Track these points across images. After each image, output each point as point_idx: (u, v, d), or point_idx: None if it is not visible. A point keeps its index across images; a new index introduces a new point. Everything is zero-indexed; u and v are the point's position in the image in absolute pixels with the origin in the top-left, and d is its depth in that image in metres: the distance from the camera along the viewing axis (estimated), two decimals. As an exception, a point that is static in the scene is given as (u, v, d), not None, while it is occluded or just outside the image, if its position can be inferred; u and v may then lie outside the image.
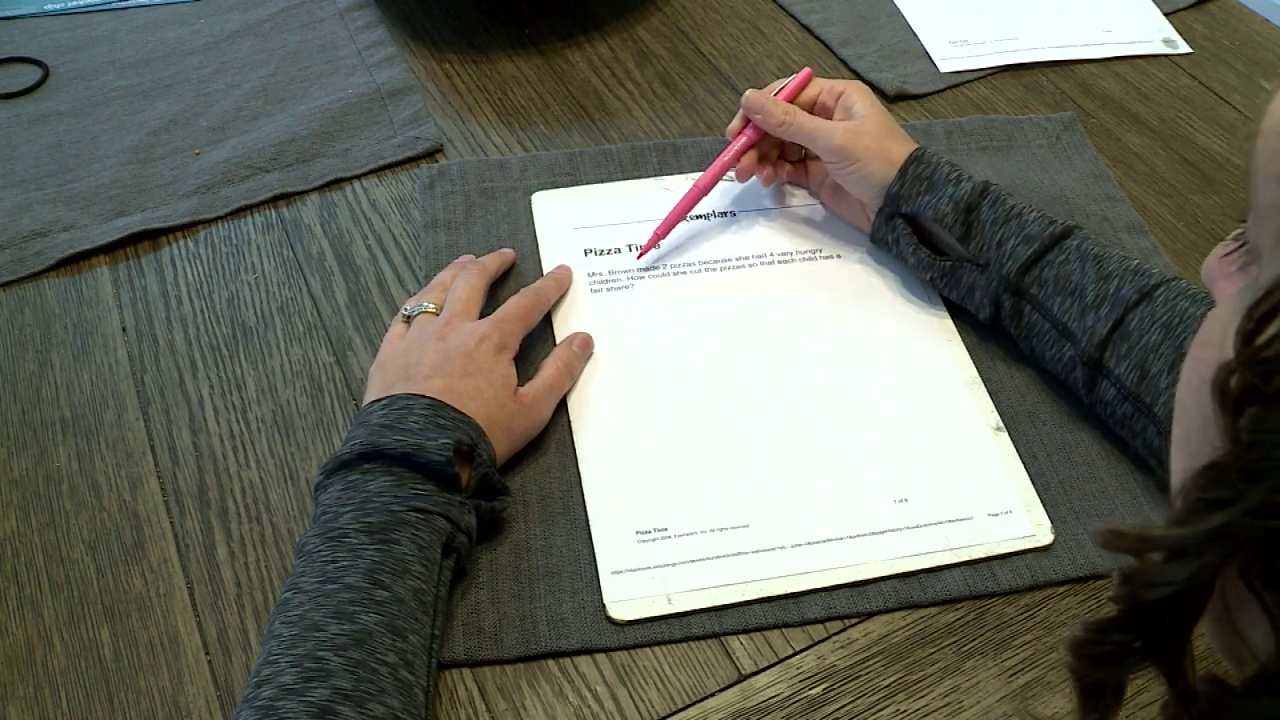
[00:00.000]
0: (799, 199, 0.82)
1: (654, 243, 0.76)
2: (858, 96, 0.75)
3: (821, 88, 0.78)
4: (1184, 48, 0.96)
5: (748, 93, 0.76)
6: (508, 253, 0.77)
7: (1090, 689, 0.33)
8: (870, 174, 0.73)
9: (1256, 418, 0.27)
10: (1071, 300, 0.67)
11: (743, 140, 0.77)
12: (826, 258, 0.78)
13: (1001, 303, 0.70)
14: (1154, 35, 0.97)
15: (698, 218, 0.80)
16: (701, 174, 0.77)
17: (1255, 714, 0.28)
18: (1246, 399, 0.27)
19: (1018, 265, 0.68)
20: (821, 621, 0.60)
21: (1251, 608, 0.28)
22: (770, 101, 0.76)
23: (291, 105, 0.89)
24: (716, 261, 0.78)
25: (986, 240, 0.70)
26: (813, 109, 0.77)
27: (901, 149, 0.73)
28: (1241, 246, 0.35)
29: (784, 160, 0.81)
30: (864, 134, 0.73)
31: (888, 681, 0.58)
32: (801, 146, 0.78)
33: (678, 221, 0.77)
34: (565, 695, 0.58)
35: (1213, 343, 0.32)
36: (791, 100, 0.77)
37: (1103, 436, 0.68)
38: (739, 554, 0.62)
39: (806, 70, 0.78)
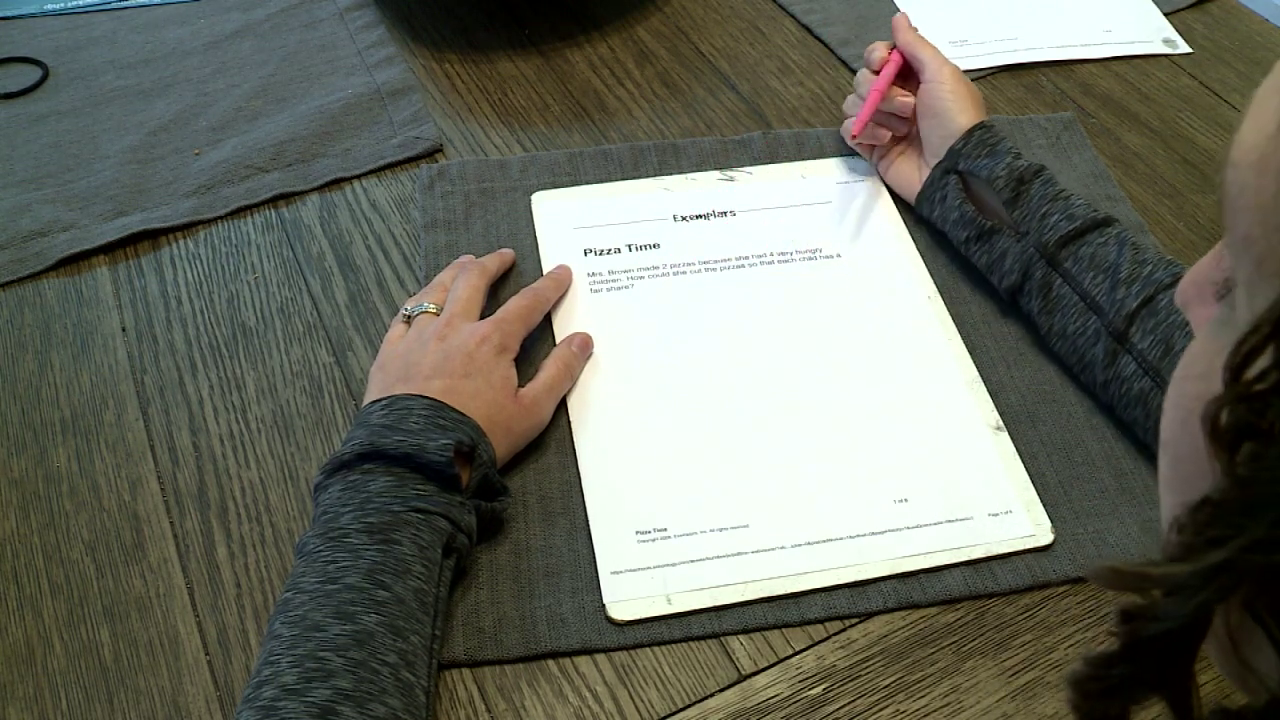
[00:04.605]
0: (798, 198, 0.82)
1: (861, 127, 0.79)
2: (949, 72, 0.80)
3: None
4: (1184, 48, 0.96)
5: (896, 16, 0.83)
6: (508, 253, 0.77)
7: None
8: (947, 120, 0.77)
9: (1254, 453, 0.27)
10: (1104, 276, 0.68)
11: (891, 67, 0.80)
12: (826, 258, 0.78)
13: (1032, 272, 0.71)
14: (1154, 35, 0.97)
15: (698, 218, 0.80)
16: (876, 79, 0.80)
17: None
18: (1241, 434, 0.27)
19: (1058, 237, 0.70)
20: (821, 621, 0.61)
21: (1256, 636, 0.28)
22: (904, 22, 0.82)
23: (291, 105, 0.89)
24: (716, 261, 0.78)
25: (1032, 211, 0.72)
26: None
27: (975, 119, 0.77)
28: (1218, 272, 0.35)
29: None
30: (965, 84, 0.79)
31: (888, 681, 0.58)
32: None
33: (872, 114, 0.79)
34: (565, 695, 0.58)
35: (1195, 375, 0.32)
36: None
37: (1103, 436, 0.68)
38: (739, 554, 0.62)
39: (901, 14, 0.83)
